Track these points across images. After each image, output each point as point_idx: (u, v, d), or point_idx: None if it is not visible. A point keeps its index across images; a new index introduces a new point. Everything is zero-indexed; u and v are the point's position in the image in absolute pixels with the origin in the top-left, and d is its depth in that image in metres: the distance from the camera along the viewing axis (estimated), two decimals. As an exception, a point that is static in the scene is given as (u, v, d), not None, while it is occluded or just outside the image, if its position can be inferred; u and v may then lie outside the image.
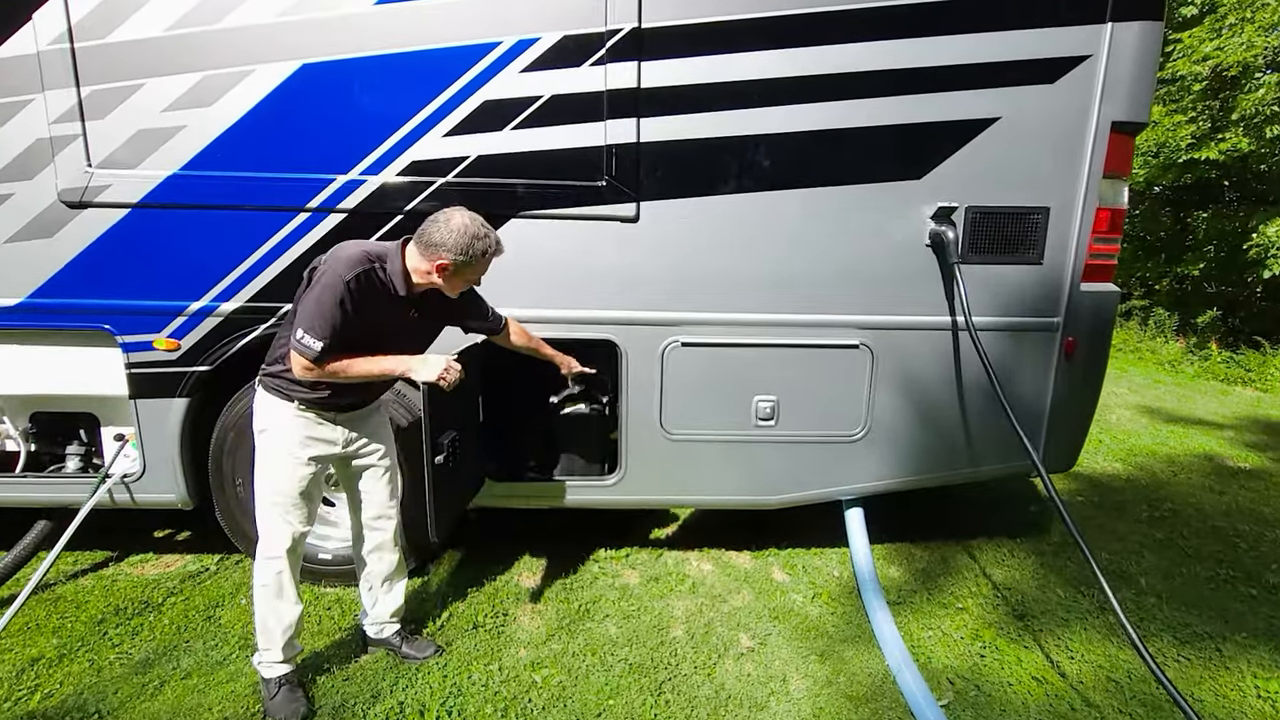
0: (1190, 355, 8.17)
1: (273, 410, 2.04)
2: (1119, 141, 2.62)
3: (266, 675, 2.13)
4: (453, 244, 1.91)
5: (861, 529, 2.93)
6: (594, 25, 2.41)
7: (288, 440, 2.03)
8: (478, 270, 2.02)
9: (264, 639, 2.11)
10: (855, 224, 2.63)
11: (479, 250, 1.94)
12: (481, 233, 1.95)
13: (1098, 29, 2.51)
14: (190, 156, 2.45)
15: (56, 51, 2.37)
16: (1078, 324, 2.75)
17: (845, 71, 2.50)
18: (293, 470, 2.04)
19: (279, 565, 2.07)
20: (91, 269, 2.51)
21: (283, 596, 2.08)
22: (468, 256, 1.93)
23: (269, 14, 2.38)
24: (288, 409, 2.03)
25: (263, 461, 2.06)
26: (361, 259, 1.90)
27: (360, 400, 2.16)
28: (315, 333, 1.84)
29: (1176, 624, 2.72)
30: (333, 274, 1.86)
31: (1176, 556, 3.29)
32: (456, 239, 1.91)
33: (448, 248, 1.91)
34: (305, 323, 1.85)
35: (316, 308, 1.85)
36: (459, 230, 1.91)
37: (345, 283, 1.86)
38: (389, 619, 2.38)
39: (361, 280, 1.89)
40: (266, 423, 2.05)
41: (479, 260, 1.97)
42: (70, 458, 2.84)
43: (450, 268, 1.94)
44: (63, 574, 2.92)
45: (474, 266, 1.98)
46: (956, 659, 2.48)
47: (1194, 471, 4.45)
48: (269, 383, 2.05)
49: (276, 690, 2.10)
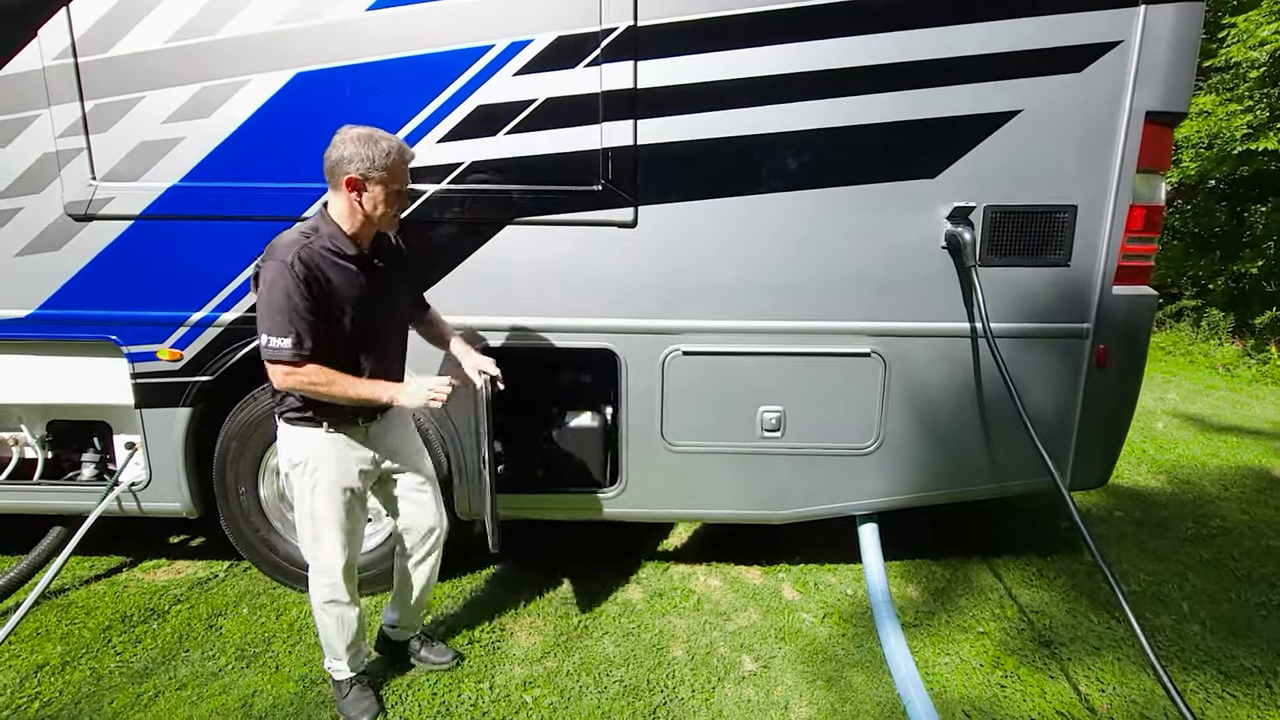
0: (1247, 359, 7.68)
1: (302, 441, 1.96)
2: (1154, 133, 2.43)
3: (337, 678, 2.17)
4: (352, 155, 1.79)
5: (875, 546, 2.78)
6: (588, 25, 2.34)
7: (325, 467, 1.96)
8: (392, 176, 1.83)
9: (330, 652, 2.15)
10: (866, 226, 2.49)
11: (384, 150, 1.80)
12: (374, 134, 1.82)
13: (1129, 12, 2.33)
14: (189, 168, 2.47)
15: (61, 67, 2.41)
16: (1109, 330, 2.56)
17: (853, 66, 2.38)
18: (336, 496, 1.98)
19: (335, 592, 2.06)
20: (97, 281, 2.55)
21: (344, 619, 2.10)
22: (370, 160, 1.79)
23: (264, 23, 2.37)
24: (316, 435, 1.95)
25: (303, 494, 1.98)
26: (294, 240, 1.81)
27: (383, 408, 2.08)
28: (278, 331, 1.76)
29: (1221, 655, 2.50)
30: (273, 266, 1.77)
31: (1225, 580, 3.04)
32: (350, 148, 1.79)
33: (348, 161, 1.79)
34: (264, 326, 1.77)
35: (268, 306, 1.76)
36: (348, 139, 1.80)
37: (288, 266, 1.75)
38: (412, 625, 2.37)
39: (303, 258, 1.77)
40: (299, 454, 1.97)
41: (386, 162, 1.81)
42: (85, 465, 2.90)
43: (360, 180, 1.80)
44: (78, 579, 2.98)
45: (385, 170, 1.81)
46: (974, 688, 2.33)
47: (1247, 486, 4.14)
48: (291, 416, 1.96)
49: (348, 690, 2.15)
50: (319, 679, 2.32)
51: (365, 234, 1.92)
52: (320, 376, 1.83)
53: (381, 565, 2.76)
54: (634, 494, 2.72)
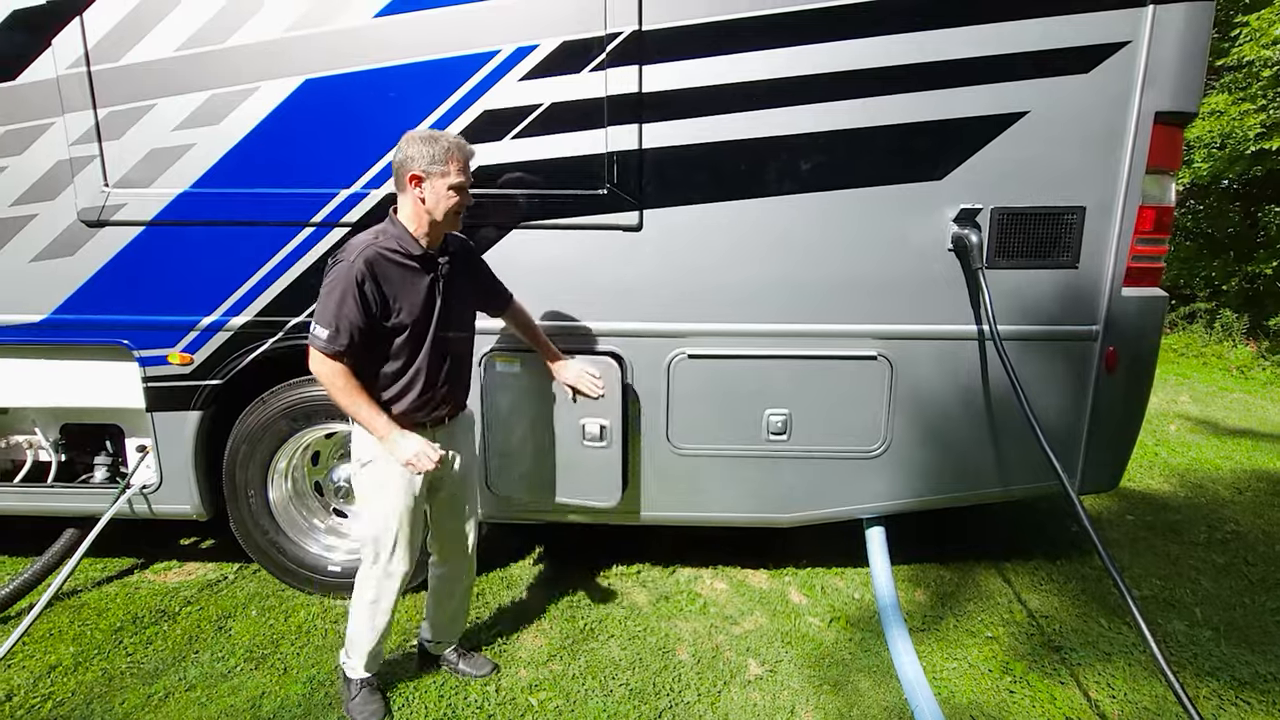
0: (1262, 361, 7.59)
1: (372, 441, 1.97)
2: (1164, 134, 2.41)
3: (350, 676, 2.17)
4: (414, 153, 1.85)
5: (882, 550, 2.77)
6: (593, 29, 2.35)
7: (391, 467, 1.97)
8: (453, 169, 1.87)
9: (352, 649, 2.15)
10: (871, 229, 2.49)
11: (445, 145, 1.86)
12: (435, 133, 1.89)
13: (1137, 13, 2.32)
14: (200, 174, 2.50)
15: (75, 75, 2.44)
16: (1119, 333, 2.53)
17: (859, 68, 2.37)
18: (405, 495, 2.01)
19: (382, 593, 2.07)
20: (109, 286, 2.58)
21: (375, 621, 2.10)
22: (431, 156, 1.84)
23: (272, 31, 2.40)
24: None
25: (372, 491, 2.01)
26: (364, 241, 1.89)
27: (453, 410, 2.12)
28: (323, 320, 1.84)
29: (1236, 662, 2.47)
30: (335, 270, 1.86)
31: (1239, 585, 3.00)
32: (415, 147, 1.85)
33: (411, 160, 1.85)
34: (316, 314, 1.86)
35: (323, 297, 1.85)
36: (411, 140, 1.87)
37: (352, 267, 1.83)
38: (448, 642, 2.38)
39: (368, 258, 1.84)
40: (369, 453, 1.99)
41: (446, 155, 1.86)
42: (98, 468, 2.94)
43: (422, 176, 1.86)
44: (90, 580, 3.01)
45: (444, 164, 1.86)
46: (982, 694, 2.31)
47: (1262, 490, 4.09)
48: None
49: (357, 692, 2.15)
50: (326, 680, 2.34)
51: (433, 235, 1.96)
52: (339, 379, 1.87)
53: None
54: (639, 498, 2.72)
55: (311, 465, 2.93)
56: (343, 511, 2.97)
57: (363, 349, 1.88)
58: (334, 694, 2.27)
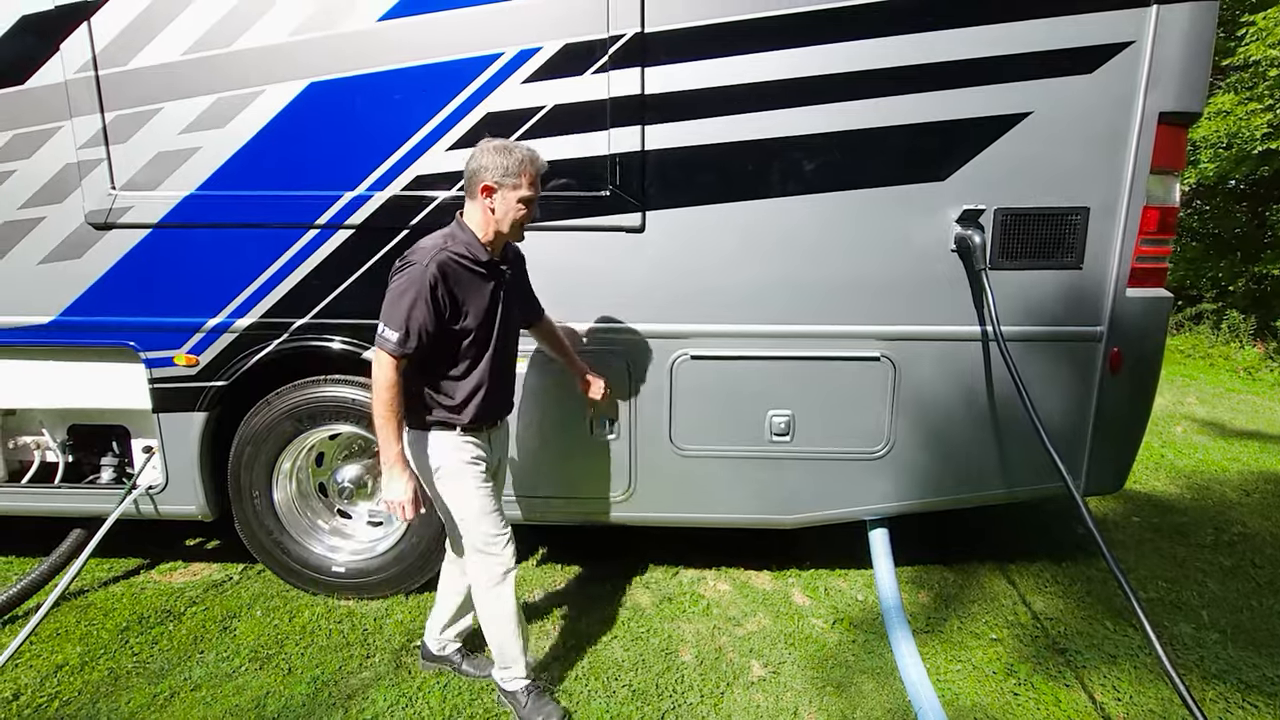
0: (1269, 362, 7.54)
1: (438, 447, 2.01)
2: (1168, 134, 2.40)
3: (511, 689, 2.16)
4: (488, 163, 1.88)
5: (886, 551, 2.76)
6: (596, 32, 2.36)
7: (465, 468, 2.02)
8: (524, 183, 1.90)
9: (502, 659, 2.15)
10: (874, 230, 2.49)
11: (518, 158, 1.88)
12: (510, 145, 1.91)
13: (1140, 13, 2.31)
14: (205, 177, 2.52)
15: (83, 80, 2.46)
16: (1123, 334, 2.53)
17: (863, 69, 2.38)
18: (482, 494, 2.04)
19: (506, 590, 2.07)
20: (116, 288, 2.60)
21: (514, 619, 2.09)
22: (504, 168, 1.87)
23: (278, 35, 2.42)
24: (450, 439, 2.01)
25: (454, 495, 2.04)
26: (434, 245, 1.90)
27: (503, 413, 2.17)
28: (392, 323, 1.84)
29: (1243, 665, 2.45)
30: (412, 270, 1.86)
31: (1246, 587, 2.99)
32: (490, 158, 1.88)
33: (485, 170, 1.88)
34: (384, 316, 1.86)
35: (394, 303, 1.85)
36: (486, 150, 1.89)
37: (424, 270, 1.84)
38: (455, 638, 2.39)
39: (440, 262, 1.86)
40: (437, 461, 2.01)
41: (519, 169, 1.88)
42: (105, 469, 2.95)
43: (494, 187, 1.89)
44: (97, 580, 3.03)
45: (517, 176, 1.89)
46: (986, 696, 2.30)
47: (1269, 491, 4.06)
48: (424, 425, 2.01)
49: (526, 699, 2.14)
50: (330, 680, 2.35)
51: (497, 243, 1.99)
52: (392, 389, 1.87)
53: (390, 570, 2.78)
54: (643, 498, 2.73)
55: (316, 466, 2.94)
56: (347, 513, 2.98)
57: (428, 352, 1.90)
58: (338, 694, 2.28)
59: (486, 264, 1.96)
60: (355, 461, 2.94)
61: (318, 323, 2.59)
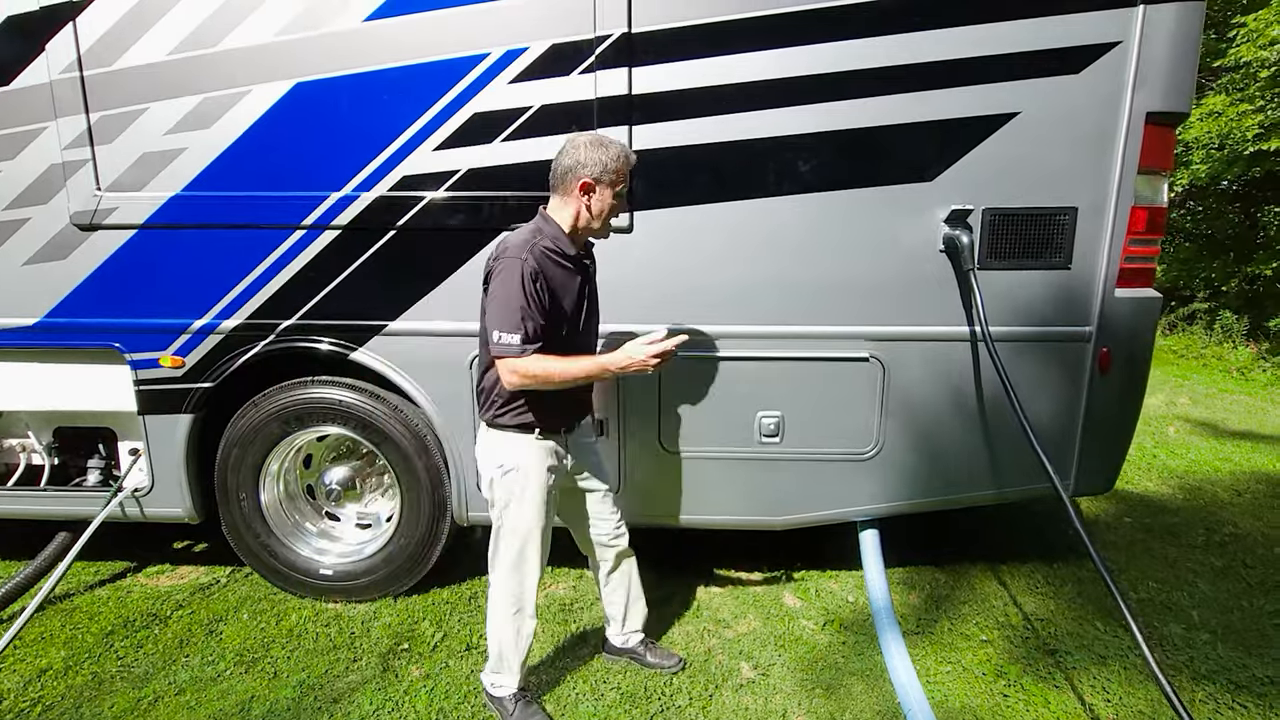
0: (1262, 362, 7.56)
1: (513, 447, 1.99)
2: (1155, 134, 2.40)
3: (498, 695, 2.14)
4: (588, 159, 1.87)
5: (876, 553, 2.75)
6: (582, 32, 2.35)
7: (536, 473, 2.00)
8: (620, 180, 1.92)
9: (499, 665, 2.12)
10: (863, 230, 2.48)
11: (615, 154, 1.89)
12: (605, 139, 1.91)
13: (1127, 13, 2.31)
14: (191, 177, 2.50)
15: (68, 80, 2.45)
16: (1112, 334, 2.52)
17: (850, 69, 2.37)
18: (544, 502, 2.03)
19: (522, 602, 2.07)
20: (101, 289, 2.59)
21: (523, 630, 2.09)
22: (604, 164, 1.87)
23: (264, 35, 2.41)
24: (525, 441, 1.99)
25: (512, 498, 2.01)
26: (525, 240, 1.88)
27: (580, 416, 2.15)
28: (508, 326, 1.81)
29: (1233, 665, 2.45)
30: (506, 265, 1.84)
31: (1236, 588, 2.98)
32: (584, 153, 1.87)
33: (584, 165, 1.87)
34: (496, 324, 1.83)
35: (501, 302, 1.82)
36: (580, 145, 1.88)
37: (522, 263, 1.82)
38: (637, 630, 2.40)
39: (535, 255, 1.85)
40: (510, 460, 1.99)
41: (618, 165, 1.89)
42: (90, 471, 2.93)
43: (594, 182, 1.88)
44: (83, 584, 3.01)
45: (615, 173, 1.89)
46: (976, 698, 2.29)
47: (1260, 492, 4.06)
48: (502, 421, 1.99)
49: (514, 707, 2.12)
50: (316, 684, 2.33)
51: (581, 238, 2.00)
52: (539, 367, 1.85)
53: (378, 573, 2.77)
54: (630, 500, 2.71)
55: (304, 468, 2.92)
56: (335, 515, 2.97)
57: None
58: (323, 698, 2.27)
59: (574, 259, 1.95)
60: (343, 463, 2.93)
61: (305, 324, 2.58)
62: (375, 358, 2.59)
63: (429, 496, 2.70)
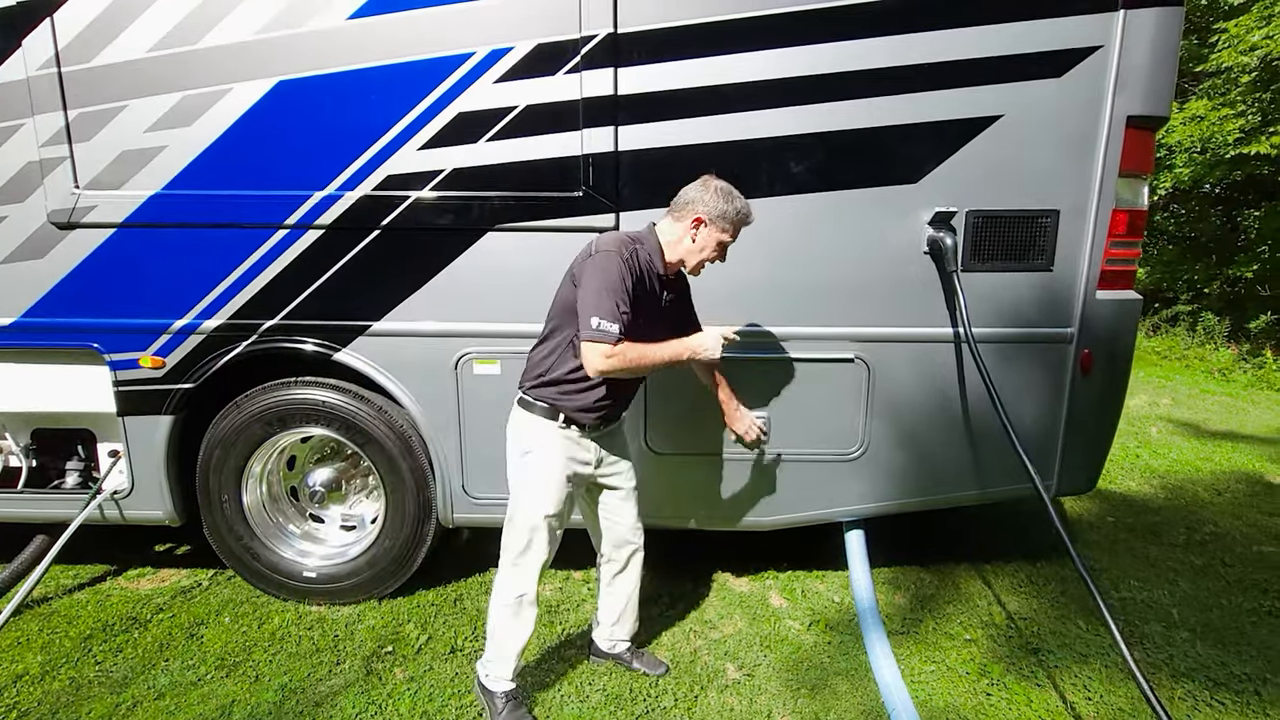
0: (1243, 363, 7.67)
1: (537, 430, 2.03)
2: (1136, 137, 2.43)
3: (492, 689, 2.14)
4: (710, 200, 1.96)
5: (861, 553, 2.76)
6: (568, 32, 2.35)
7: (555, 460, 2.02)
8: (731, 230, 2.01)
9: (495, 653, 2.12)
10: (848, 231, 2.49)
11: (736, 208, 1.98)
12: (735, 192, 2.00)
13: (1109, 17, 2.34)
14: (171, 176, 2.47)
15: (45, 77, 2.42)
16: (1094, 335, 2.55)
17: (835, 71, 2.38)
18: (559, 491, 2.04)
19: (527, 586, 2.07)
20: (79, 288, 2.55)
21: (521, 616, 2.09)
22: (722, 211, 1.96)
23: (245, 32, 2.38)
24: (550, 428, 2.02)
25: (527, 482, 2.04)
26: (625, 241, 1.97)
27: (616, 413, 2.16)
28: (605, 313, 1.85)
29: (1212, 663, 2.48)
30: (606, 257, 1.90)
31: (1216, 586, 3.02)
32: (713, 196, 1.97)
33: (704, 203, 1.96)
34: (594, 310, 1.85)
35: (598, 290, 1.86)
36: (715, 190, 1.98)
37: (622, 260, 1.89)
38: (625, 638, 2.39)
39: (634, 257, 1.94)
40: (530, 443, 2.03)
41: (734, 218, 1.98)
42: (70, 473, 2.89)
43: (706, 221, 1.97)
44: (61, 588, 2.96)
45: (729, 223, 1.99)
46: (960, 696, 2.30)
47: (1240, 491, 4.12)
48: (533, 400, 2.04)
49: (503, 705, 2.12)
50: (298, 688, 2.31)
51: (674, 266, 2.07)
52: (633, 352, 1.90)
53: (362, 575, 2.75)
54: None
55: (287, 470, 2.90)
56: (319, 517, 2.94)
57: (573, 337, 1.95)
58: (305, 701, 2.24)
59: (660, 277, 2.04)
60: (327, 465, 2.91)
61: (288, 324, 2.55)
62: (359, 358, 2.57)
63: (414, 498, 2.68)
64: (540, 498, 2.03)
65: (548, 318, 2.07)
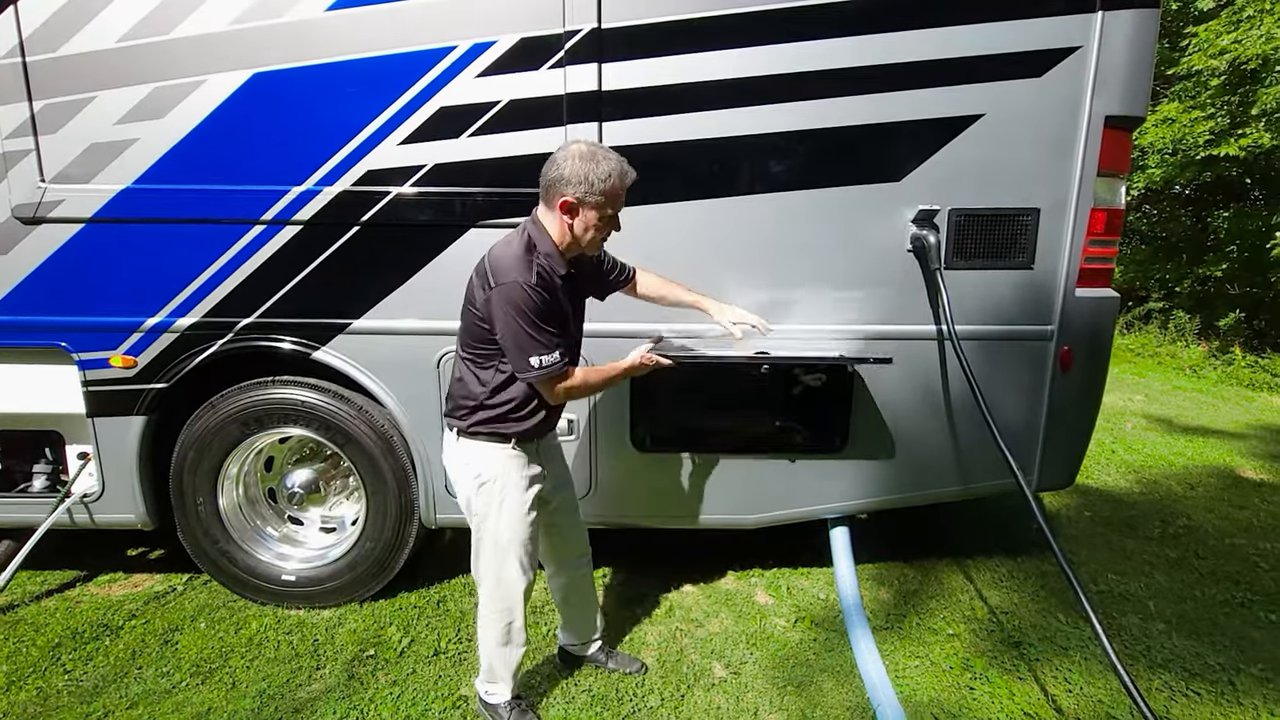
0: (1213, 360, 7.85)
1: (488, 458, 1.92)
2: (1114, 137, 2.46)
3: (492, 701, 2.10)
4: (571, 174, 1.71)
5: (846, 550, 2.77)
6: (552, 27, 2.32)
7: (513, 485, 1.94)
8: (608, 201, 1.76)
9: (494, 675, 2.08)
10: (831, 229, 2.50)
11: (604, 173, 1.72)
12: (598, 152, 1.74)
13: (1087, 19, 2.36)
14: (143, 170, 2.41)
15: (8, 66, 2.34)
16: (1073, 332, 2.58)
17: (818, 69, 2.38)
18: (525, 515, 1.96)
19: (512, 615, 2.01)
20: (46, 285, 2.47)
21: (511, 643, 2.04)
22: (589, 184, 1.72)
23: (220, 22, 2.32)
24: (502, 452, 1.93)
25: (491, 512, 1.94)
26: (523, 259, 1.76)
27: (555, 422, 2.09)
28: (544, 348, 1.77)
29: (1186, 653, 2.53)
30: (512, 290, 1.73)
31: (1190, 578, 3.08)
32: (570, 165, 1.72)
33: (565, 181, 1.73)
34: (530, 351, 1.76)
35: (526, 331, 1.75)
36: (570, 156, 1.73)
37: (530, 288, 1.73)
38: (595, 637, 2.38)
39: (539, 277, 1.76)
40: (485, 472, 1.92)
41: (603, 188, 1.73)
42: (37, 476, 2.80)
43: (575, 202, 1.74)
44: (28, 594, 2.87)
45: (601, 195, 1.74)
46: (943, 691, 2.32)
47: (1212, 485, 4.21)
48: (477, 430, 1.91)
49: (508, 714, 2.08)
50: (277, 693, 2.26)
51: (572, 253, 1.89)
52: (581, 377, 1.90)
53: (343, 578, 2.70)
54: (601, 500, 2.69)
55: (265, 471, 2.83)
56: (298, 519, 2.88)
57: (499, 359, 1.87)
58: (285, 708, 2.20)
59: (564, 276, 1.87)
60: (306, 466, 2.85)
61: (265, 322, 2.50)
62: (339, 357, 2.52)
63: (395, 499, 2.64)
64: (509, 522, 1.95)
65: (461, 344, 1.92)
